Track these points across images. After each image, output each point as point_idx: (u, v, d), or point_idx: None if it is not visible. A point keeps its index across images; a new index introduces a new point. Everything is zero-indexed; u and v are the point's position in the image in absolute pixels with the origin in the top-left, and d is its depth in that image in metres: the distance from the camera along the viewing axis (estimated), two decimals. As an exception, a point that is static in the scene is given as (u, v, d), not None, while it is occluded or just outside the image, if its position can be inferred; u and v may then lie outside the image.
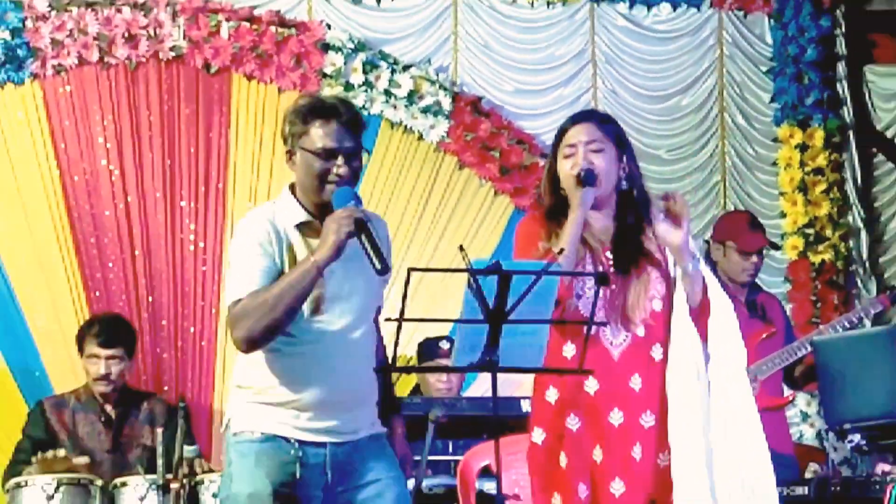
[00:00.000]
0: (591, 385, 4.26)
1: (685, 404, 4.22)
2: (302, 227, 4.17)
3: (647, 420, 4.26)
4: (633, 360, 4.28)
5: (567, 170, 4.33)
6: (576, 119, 4.43)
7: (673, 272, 4.32)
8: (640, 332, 4.28)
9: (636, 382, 4.27)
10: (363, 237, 4.02)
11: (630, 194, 4.39)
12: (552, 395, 4.32)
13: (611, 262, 4.31)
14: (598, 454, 4.24)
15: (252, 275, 4.11)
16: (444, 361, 6.36)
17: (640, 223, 4.37)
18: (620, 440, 4.24)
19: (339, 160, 4.15)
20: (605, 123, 4.43)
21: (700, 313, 4.30)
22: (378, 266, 4.01)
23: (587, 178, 4.27)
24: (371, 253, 4.02)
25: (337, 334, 4.15)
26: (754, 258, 6.19)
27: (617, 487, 4.21)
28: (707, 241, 6.40)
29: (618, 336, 4.27)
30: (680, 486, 4.16)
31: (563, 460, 4.25)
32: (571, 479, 4.23)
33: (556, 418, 4.29)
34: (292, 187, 4.25)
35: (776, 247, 7.15)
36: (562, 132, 4.41)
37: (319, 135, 4.16)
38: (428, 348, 6.51)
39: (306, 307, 4.10)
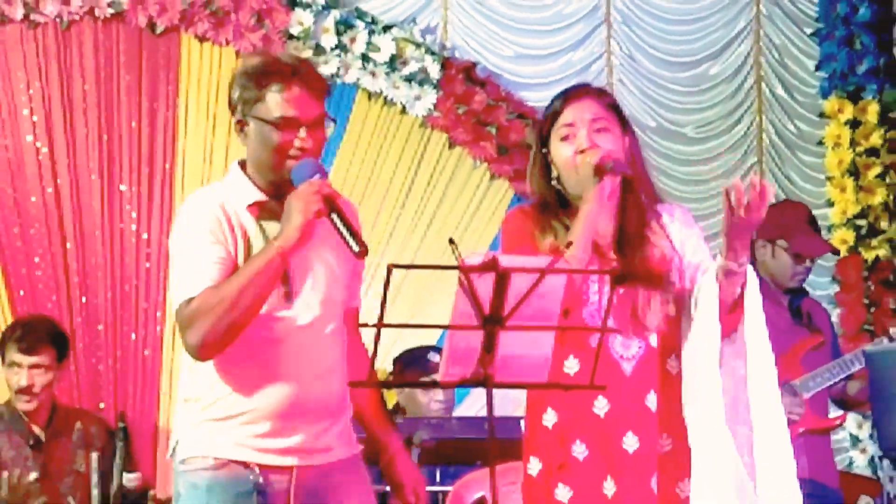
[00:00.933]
0: (601, 406, 4.26)
1: (707, 425, 4.23)
2: (255, 208, 4.15)
3: (664, 444, 4.27)
4: (648, 373, 4.27)
5: (566, 154, 4.33)
6: (571, 95, 4.40)
7: (688, 268, 4.33)
8: (654, 340, 4.30)
9: (652, 401, 4.26)
10: (334, 216, 4.02)
11: (632, 181, 4.40)
12: (550, 418, 4.31)
13: (615, 263, 4.31)
14: (609, 487, 4.24)
15: (204, 268, 4.07)
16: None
17: (644, 214, 4.37)
18: (637, 469, 4.22)
19: (302, 131, 4.12)
20: (606, 97, 4.43)
21: (730, 311, 4.30)
22: (356, 248, 4.00)
23: (617, 169, 4.25)
24: (345, 233, 4.01)
25: (304, 330, 4.12)
26: (808, 263, 6.17)
27: None
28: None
29: (629, 347, 4.28)
30: None
31: (562, 494, 4.26)
32: None
33: (555, 446, 4.29)
34: (242, 164, 4.22)
35: (836, 251, 7.15)
36: (555, 111, 4.40)
37: (277, 101, 4.12)
38: (413, 361, 6.49)
39: (273, 296, 4.09)
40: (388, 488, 4.84)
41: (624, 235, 4.35)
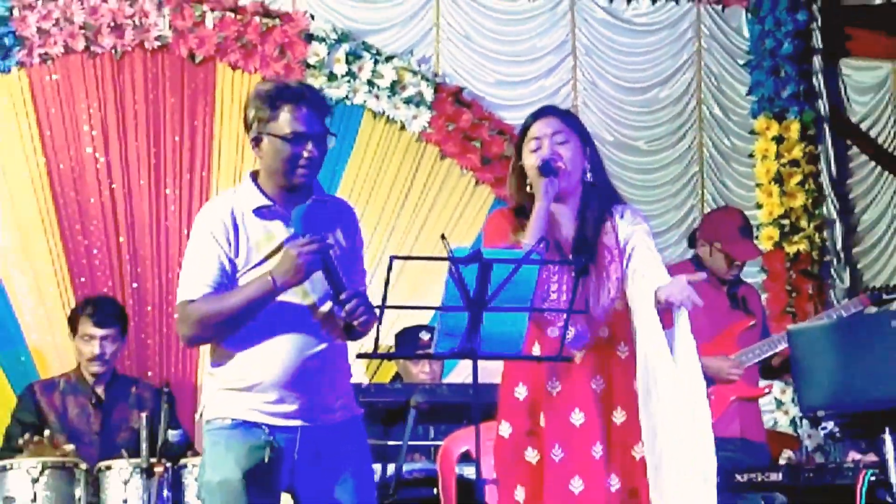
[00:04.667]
0: (554, 386, 4.28)
1: (655, 399, 4.22)
2: (261, 210, 4.14)
3: (619, 416, 4.27)
4: (595, 360, 4.29)
5: (533, 163, 4.33)
6: (538, 114, 4.44)
7: (626, 267, 4.32)
8: (604, 332, 4.30)
9: (598, 383, 4.27)
10: (327, 269, 4.02)
11: (594, 186, 4.40)
12: (521, 392, 4.33)
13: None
14: (557, 453, 4.25)
15: (203, 273, 4.09)
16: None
17: (602, 217, 4.37)
18: (581, 440, 4.24)
19: (309, 144, 4.12)
20: (567, 116, 4.46)
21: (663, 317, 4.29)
22: (341, 297, 4.00)
23: (545, 168, 4.27)
24: (333, 285, 4.02)
25: (303, 310, 4.12)
26: (739, 262, 6.13)
27: (576, 485, 4.23)
28: (694, 233, 6.35)
29: (580, 339, 4.27)
30: (652, 478, 4.19)
31: (531, 455, 4.27)
32: (543, 474, 4.25)
33: (526, 415, 4.30)
34: (255, 174, 4.21)
35: (761, 254, 7.14)
36: (525, 128, 4.42)
37: (288, 120, 4.11)
38: (408, 338, 6.49)
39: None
40: (388, 443, 4.85)
41: (582, 239, 4.36)
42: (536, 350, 4.31)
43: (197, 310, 4.08)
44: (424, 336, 6.38)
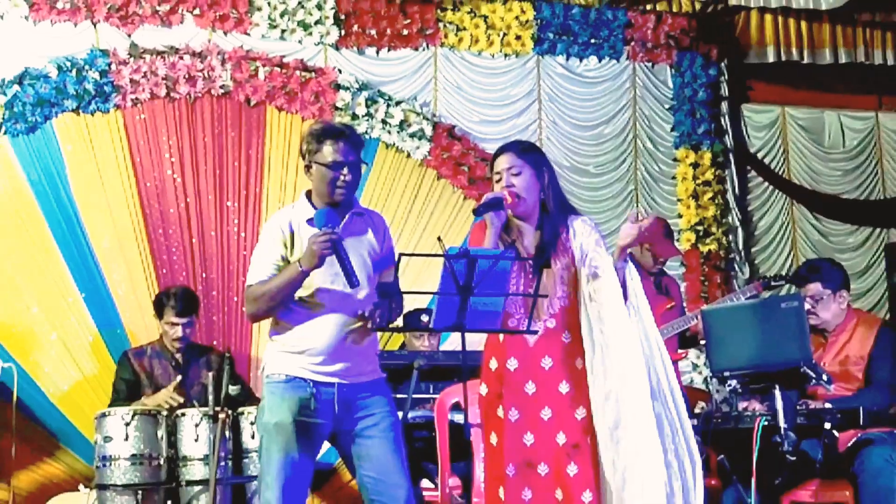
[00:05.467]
0: (513, 364, 4.26)
1: (601, 373, 4.19)
2: (311, 221, 4.18)
3: (564, 388, 4.24)
4: (545, 345, 4.25)
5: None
6: (498, 152, 4.34)
7: (582, 270, 4.26)
8: (551, 323, 4.24)
9: (547, 362, 4.24)
10: (337, 254, 4.04)
11: (547, 203, 4.31)
12: (493, 364, 4.32)
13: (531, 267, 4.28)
14: (514, 414, 4.25)
15: (263, 266, 4.15)
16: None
17: (558, 228, 4.29)
18: (532, 404, 4.23)
19: (345, 170, 4.15)
20: (522, 151, 4.31)
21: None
22: (351, 280, 4.03)
23: (478, 211, 4.21)
24: (343, 267, 4.04)
25: (346, 295, 4.14)
26: (663, 259, 6.16)
27: (528, 439, 4.23)
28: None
29: (533, 327, 4.24)
30: (600, 436, 4.17)
31: (501, 412, 4.27)
32: (506, 427, 4.25)
33: (495, 382, 4.30)
34: (308, 193, 4.26)
35: (680, 254, 7.14)
36: (492, 161, 4.35)
37: (330, 151, 4.15)
38: (412, 319, 6.49)
39: (327, 273, 4.10)
40: (396, 396, 4.85)
41: (542, 246, 4.33)
42: (501, 338, 4.28)
43: (254, 291, 4.15)
44: (424, 318, 6.38)
